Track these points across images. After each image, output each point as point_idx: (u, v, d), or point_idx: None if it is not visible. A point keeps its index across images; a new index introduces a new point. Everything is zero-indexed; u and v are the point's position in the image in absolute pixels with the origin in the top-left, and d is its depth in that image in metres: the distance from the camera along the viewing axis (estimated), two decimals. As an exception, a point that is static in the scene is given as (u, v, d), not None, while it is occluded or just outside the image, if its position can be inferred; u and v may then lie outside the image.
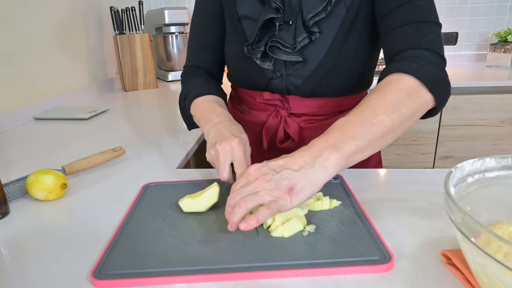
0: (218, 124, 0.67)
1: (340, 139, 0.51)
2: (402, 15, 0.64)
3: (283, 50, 0.72)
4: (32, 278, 0.46)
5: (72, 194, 0.70)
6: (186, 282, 0.44)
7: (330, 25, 0.71)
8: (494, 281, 0.34)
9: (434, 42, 0.62)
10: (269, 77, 0.78)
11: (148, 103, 1.56)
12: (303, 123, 0.82)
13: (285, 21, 0.73)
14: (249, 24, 0.76)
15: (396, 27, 0.64)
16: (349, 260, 0.46)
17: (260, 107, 0.84)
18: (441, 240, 0.51)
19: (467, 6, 2.29)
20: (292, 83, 0.77)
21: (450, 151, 1.98)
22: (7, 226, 0.59)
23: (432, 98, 0.58)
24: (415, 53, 0.60)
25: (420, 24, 0.62)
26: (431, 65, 0.59)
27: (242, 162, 0.60)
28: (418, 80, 0.57)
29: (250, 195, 0.49)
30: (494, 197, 0.47)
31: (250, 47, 0.74)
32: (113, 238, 0.52)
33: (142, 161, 0.85)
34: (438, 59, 0.61)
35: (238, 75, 0.84)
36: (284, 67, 0.76)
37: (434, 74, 0.58)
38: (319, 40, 0.72)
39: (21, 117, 1.28)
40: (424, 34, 0.62)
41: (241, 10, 0.77)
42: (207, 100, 0.76)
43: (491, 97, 1.85)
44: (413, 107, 0.56)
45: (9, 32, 1.27)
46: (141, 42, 1.81)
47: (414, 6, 0.63)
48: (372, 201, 0.62)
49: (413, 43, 0.62)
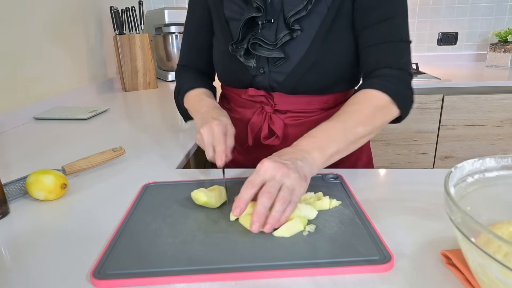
0: (205, 113, 0.74)
1: (325, 143, 0.60)
2: (381, 32, 0.71)
3: (264, 47, 0.75)
4: (32, 278, 0.46)
5: (72, 194, 0.70)
6: (186, 282, 0.44)
7: (311, 23, 0.74)
8: (494, 281, 0.34)
9: (407, 62, 0.72)
10: (252, 75, 0.80)
11: (148, 103, 1.56)
12: (288, 119, 0.83)
13: (267, 19, 0.76)
14: (235, 24, 0.79)
15: (374, 44, 0.72)
16: (349, 260, 0.46)
17: (245, 104, 0.86)
18: (441, 240, 0.51)
19: (467, 6, 2.29)
20: (275, 80, 0.79)
21: (450, 151, 1.98)
22: (7, 226, 0.59)
23: (398, 112, 0.69)
24: (389, 72, 0.70)
25: (395, 44, 0.71)
26: (401, 84, 0.69)
27: (220, 140, 0.67)
28: (391, 98, 0.67)
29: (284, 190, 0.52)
30: (494, 197, 0.47)
31: (234, 45, 0.78)
32: (113, 238, 0.52)
33: (142, 161, 0.85)
34: (408, 78, 0.72)
35: (225, 74, 0.87)
36: (267, 64, 0.78)
37: (404, 94, 0.69)
38: (300, 37, 0.74)
39: (21, 117, 1.28)
40: (399, 54, 0.72)
41: (227, 12, 0.81)
42: (197, 93, 0.84)
43: (491, 97, 1.85)
44: (383, 120, 0.67)
45: (9, 32, 1.27)
46: (141, 42, 1.81)
47: (392, 25, 0.71)
48: (372, 201, 0.62)
49: (388, 62, 0.71)
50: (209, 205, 0.59)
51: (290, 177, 0.52)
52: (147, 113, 1.37)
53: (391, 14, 0.70)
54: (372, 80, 0.70)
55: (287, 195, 0.51)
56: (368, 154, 0.93)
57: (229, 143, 0.69)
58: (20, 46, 1.32)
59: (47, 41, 1.46)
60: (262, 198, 0.50)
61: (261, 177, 0.53)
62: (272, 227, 0.51)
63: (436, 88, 1.86)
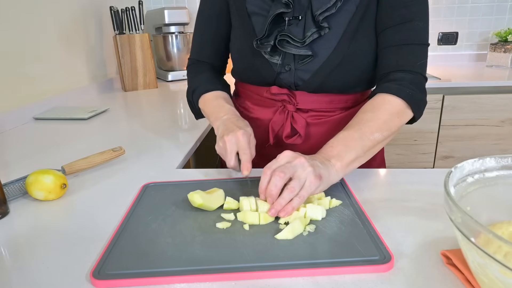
0: (226, 120, 0.73)
1: (343, 151, 0.61)
2: (401, 34, 0.71)
3: (292, 44, 0.74)
4: (32, 278, 0.46)
5: (72, 194, 0.70)
6: (185, 282, 0.44)
7: (339, 21, 0.73)
8: (494, 281, 0.34)
9: (423, 65, 0.73)
10: (277, 72, 0.79)
11: (148, 103, 1.56)
12: (310, 118, 0.82)
13: (295, 16, 0.75)
14: (258, 19, 0.78)
15: (394, 45, 0.72)
16: (349, 260, 0.46)
17: (266, 103, 0.85)
18: (441, 240, 0.51)
19: (467, 6, 2.29)
20: (300, 78, 0.78)
21: (450, 151, 1.98)
22: (6, 226, 0.59)
23: (412, 115, 0.71)
24: (405, 76, 0.71)
25: (415, 46, 0.72)
26: (416, 88, 0.70)
27: (246, 150, 0.67)
28: (406, 103, 0.68)
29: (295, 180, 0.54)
30: (494, 197, 0.47)
31: (259, 41, 0.76)
32: (113, 238, 0.52)
33: (142, 161, 0.85)
34: (423, 81, 0.73)
35: (245, 70, 0.86)
36: (293, 61, 0.77)
37: (418, 98, 0.70)
38: (328, 35, 0.74)
39: (21, 117, 1.27)
40: (417, 57, 0.72)
41: (250, 7, 0.79)
42: (215, 97, 0.82)
43: (491, 97, 1.85)
44: (399, 124, 0.68)
45: (9, 32, 1.27)
46: (141, 42, 1.81)
47: (413, 27, 0.71)
48: (372, 201, 0.62)
49: (406, 65, 0.72)
50: (205, 208, 0.59)
51: (304, 169, 0.54)
52: (147, 113, 1.37)
53: (413, 16, 0.70)
54: (387, 84, 0.70)
55: (297, 185, 0.53)
56: (381, 154, 0.93)
57: (252, 153, 0.69)
58: (20, 46, 1.32)
59: (47, 41, 1.46)
60: (274, 177, 0.53)
61: (278, 163, 0.55)
62: (276, 212, 0.53)
63: (436, 88, 1.86)
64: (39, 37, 1.42)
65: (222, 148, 0.70)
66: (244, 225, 0.54)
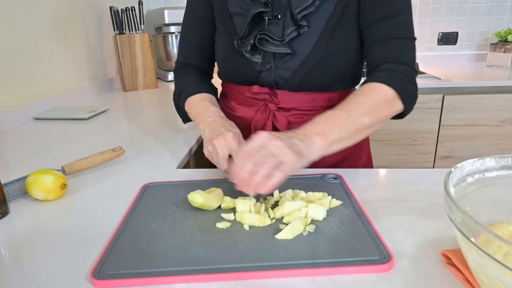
0: (212, 123, 0.72)
1: (327, 129, 0.60)
2: (386, 28, 0.71)
3: (272, 42, 0.75)
4: (32, 278, 0.46)
5: (72, 194, 0.70)
6: (185, 282, 0.44)
7: (318, 19, 0.74)
8: (494, 281, 0.34)
9: (412, 58, 0.72)
10: (258, 70, 0.80)
11: (148, 103, 1.56)
12: (292, 117, 0.83)
13: (274, 15, 0.76)
14: (239, 20, 0.79)
15: (380, 40, 0.72)
16: (349, 260, 0.46)
17: (249, 102, 0.86)
18: (441, 240, 0.51)
19: (467, 6, 2.29)
20: (281, 76, 0.79)
21: (450, 151, 1.98)
22: (6, 226, 0.59)
23: (402, 107, 0.69)
24: (395, 67, 0.70)
25: (402, 40, 0.71)
26: (406, 80, 0.69)
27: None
28: (396, 93, 0.67)
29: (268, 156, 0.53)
30: (494, 197, 0.47)
31: (240, 41, 0.77)
32: (113, 238, 0.52)
33: (142, 161, 0.85)
34: (413, 74, 0.72)
35: (228, 70, 0.87)
36: (273, 59, 0.78)
37: (408, 90, 0.69)
38: (307, 33, 0.75)
39: (21, 117, 1.27)
40: (405, 50, 0.72)
41: (231, 7, 0.80)
42: (200, 99, 0.82)
43: (491, 97, 1.84)
44: (388, 113, 0.67)
45: (8, 32, 1.27)
46: (141, 42, 1.81)
47: (397, 21, 0.71)
48: (372, 201, 0.62)
49: (395, 57, 0.71)
50: (206, 207, 0.59)
51: (279, 148, 0.53)
52: (147, 113, 1.37)
53: (397, 11, 0.71)
54: (377, 74, 0.70)
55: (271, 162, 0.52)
56: (368, 153, 0.93)
57: None
58: (20, 46, 1.32)
59: (47, 41, 1.46)
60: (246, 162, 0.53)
61: (252, 145, 0.55)
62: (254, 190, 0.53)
63: (436, 88, 1.85)
64: (39, 37, 1.42)
65: (212, 152, 0.68)
66: (244, 225, 0.54)
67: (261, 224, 0.54)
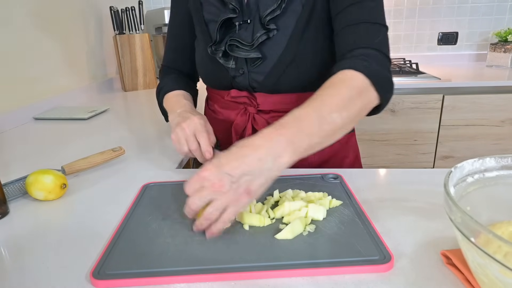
0: (182, 112, 0.75)
1: (296, 136, 0.52)
2: (353, 14, 0.68)
3: (242, 48, 0.75)
4: (32, 278, 0.46)
5: (72, 194, 0.70)
6: (185, 282, 0.44)
7: (287, 21, 0.74)
8: (494, 281, 0.34)
9: (382, 43, 0.66)
10: (232, 75, 0.81)
11: (148, 103, 1.56)
12: (272, 119, 0.82)
13: (244, 20, 0.76)
14: (213, 26, 0.80)
15: (347, 26, 0.68)
16: (349, 260, 0.46)
17: (229, 106, 0.86)
18: (441, 240, 0.51)
19: (467, 6, 2.29)
20: (255, 80, 0.79)
21: (450, 151, 1.98)
22: (6, 226, 0.59)
23: (378, 97, 0.61)
24: (364, 52, 0.64)
25: (369, 24, 0.67)
26: (378, 65, 0.63)
27: (203, 134, 0.69)
28: (368, 79, 0.60)
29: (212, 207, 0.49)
30: (494, 197, 0.47)
31: (213, 47, 0.78)
32: (113, 238, 0.52)
33: (142, 161, 0.85)
34: (385, 59, 0.65)
35: (207, 75, 0.88)
36: (245, 64, 0.79)
37: (381, 75, 0.62)
38: (277, 36, 0.75)
39: (21, 117, 1.27)
40: (373, 34, 0.67)
41: (206, 15, 0.82)
42: (175, 94, 0.85)
43: (491, 97, 1.84)
44: (361, 105, 0.58)
45: (8, 32, 1.27)
46: (141, 42, 1.81)
47: (364, 7, 0.67)
48: (372, 201, 0.62)
49: (363, 42, 0.66)
50: None
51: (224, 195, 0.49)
52: (147, 113, 1.37)
53: None
54: (346, 60, 0.64)
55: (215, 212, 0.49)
56: (355, 151, 0.91)
57: (212, 139, 0.70)
58: (20, 46, 1.32)
59: (47, 41, 1.46)
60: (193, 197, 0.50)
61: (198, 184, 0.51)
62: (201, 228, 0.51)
63: (436, 88, 1.85)
64: (39, 37, 1.42)
65: (179, 135, 0.69)
66: (244, 225, 0.54)
67: (261, 224, 0.54)
